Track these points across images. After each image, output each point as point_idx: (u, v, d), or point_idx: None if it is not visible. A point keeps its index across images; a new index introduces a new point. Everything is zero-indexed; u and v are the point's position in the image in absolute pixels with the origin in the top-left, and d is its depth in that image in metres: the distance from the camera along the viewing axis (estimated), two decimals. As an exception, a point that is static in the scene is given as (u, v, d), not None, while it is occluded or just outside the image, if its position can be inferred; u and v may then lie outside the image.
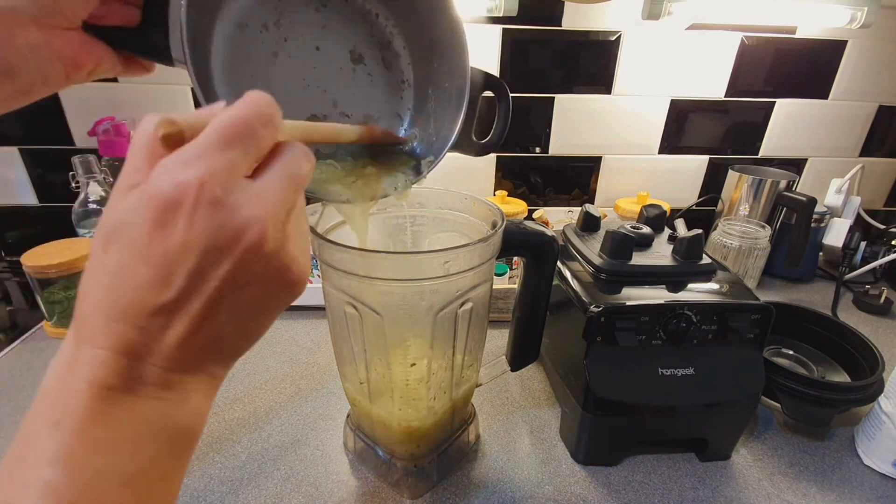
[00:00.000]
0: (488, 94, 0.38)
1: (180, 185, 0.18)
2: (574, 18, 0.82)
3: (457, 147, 0.37)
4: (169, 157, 0.18)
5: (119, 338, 0.19)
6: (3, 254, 0.90)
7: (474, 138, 0.38)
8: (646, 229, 0.55)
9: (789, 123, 0.95)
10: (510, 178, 0.96)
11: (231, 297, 0.20)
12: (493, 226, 0.41)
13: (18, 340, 0.66)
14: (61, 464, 0.17)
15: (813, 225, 0.85)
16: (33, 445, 0.18)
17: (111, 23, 0.28)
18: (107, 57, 0.29)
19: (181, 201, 0.18)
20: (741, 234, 0.79)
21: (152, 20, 0.27)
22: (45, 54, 0.26)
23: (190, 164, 0.18)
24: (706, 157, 0.97)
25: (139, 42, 0.28)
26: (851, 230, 0.87)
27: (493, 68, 0.84)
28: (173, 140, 0.19)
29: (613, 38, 0.85)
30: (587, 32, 0.84)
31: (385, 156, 0.37)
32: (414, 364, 0.43)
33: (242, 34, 0.31)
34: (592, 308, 0.45)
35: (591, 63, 0.86)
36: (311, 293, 0.74)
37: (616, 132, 0.93)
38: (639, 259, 0.50)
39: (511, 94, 0.38)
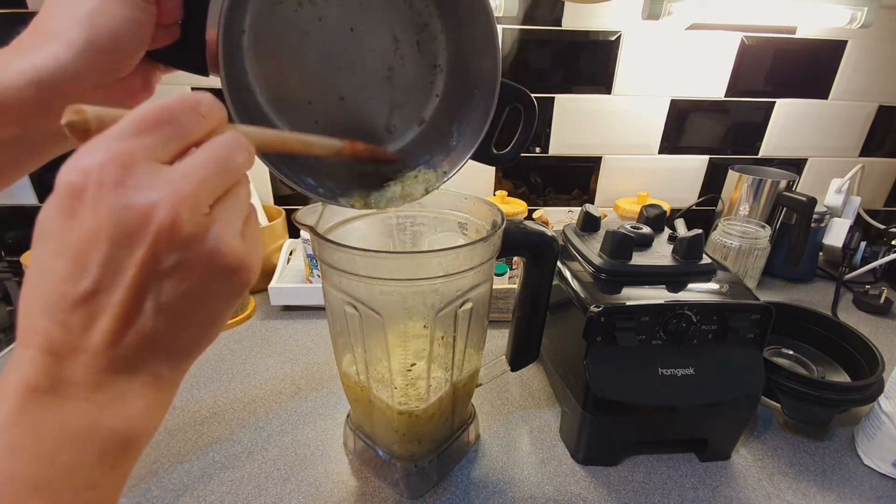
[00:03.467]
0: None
1: (82, 170, 0.17)
2: (574, 18, 0.82)
3: (473, 157, 0.37)
4: (81, 146, 0.18)
5: (43, 335, 0.18)
6: (3, 254, 0.90)
7: (494, 150, 0.37)
8: (646, 229, 0.55)
9: (789, 123, 0.95)
10: (510, 178, 0.96)
11: (155, 288, 0.19)
12: (494, 226, 0.41)
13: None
14: None
15: (813, 225, 0.85)
16: None
17: (156, 47, 0.28)
18: (156, 77, 0.30)
19: (84, 187, 0.17)
20: (741, 234, 0.79)
21: (192, 37, 0.28)
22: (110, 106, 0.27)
23: (96, 150, 0.18)
24: (706, 157, 0.97)
25: (180, 58, 0.29)
26: (851, 230, 0.87)
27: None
28: (78, 128, 0.18)
29: (613, 38, 0.85)
30: (587, 32, 0.84)
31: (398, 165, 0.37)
32: (414, 364, 0.43)
33: (275, 11, 0.30)
34: (592, 308, 0.45)
35: (591, 63, 0.86)
36: (311, 293, 0.74)
37: (616, 132, 0.92)
38: (639, 259, 0.50)
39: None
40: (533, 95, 0.36)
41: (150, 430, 0.21)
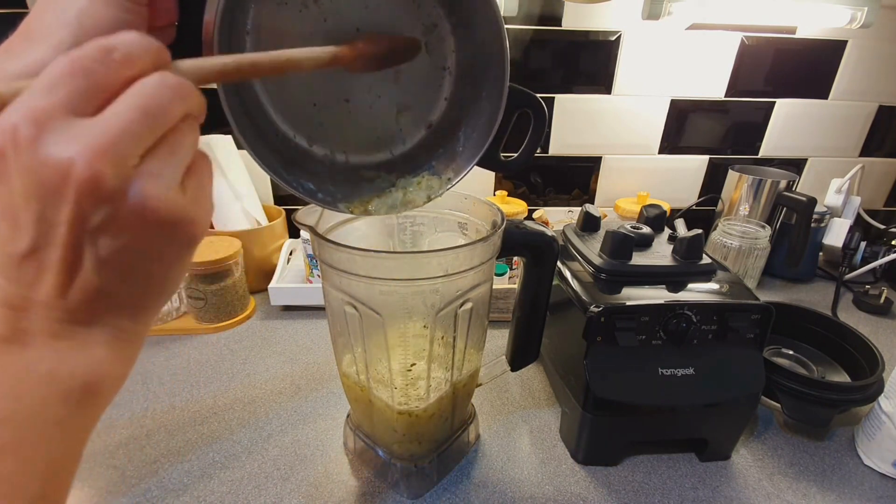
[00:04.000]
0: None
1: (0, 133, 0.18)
2: (574, 18, 0.82)
3: (479, 163, 0.36)
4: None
5: (0, 290, 0.19)
6: None
7: (501, 156, 0.37)
8: (646, 229, 0.55)
9: (789, 123, 0.95)
10: (510, 178, 0.96)
11: (91, 242, 0.19)
12: (494, 226, 0.41)
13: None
14: None
15: (813, 225, 0.85)
16: None
17: None
18: None
19: (3, 149, 0.18)
20: (741, 234, 0.79)
21: (188, 39, 0.27)
22: None
23: (11, 112, 0.18)
24: (706, 157, 0.97)
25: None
26: (851, 230, 0.87)
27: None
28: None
29: (613, 38, 0.85)
30: (587, 32, 0.84)
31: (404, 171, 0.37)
32: (414, 364, 0.43)
33: (279, 12, 0.30)
34: (592, 308, 0.45)
35: (591, 63, 0.86)
36: (312, 293, 0.74)
37: (616, 132, 0.92)
38: (639, 259, 0.50)
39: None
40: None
41: (115, 378, 0.22)
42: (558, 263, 0.52)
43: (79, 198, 0.18)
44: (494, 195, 0.86)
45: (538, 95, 0.36)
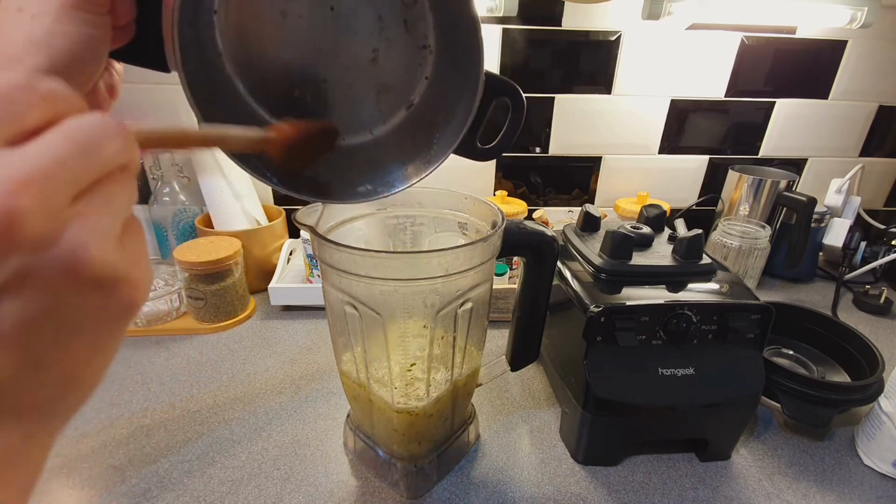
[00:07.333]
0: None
1: None
2: (574, 18, 0.82)
3: (457, 151, 0.36)
4: None
5: None
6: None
7: (479, 144, 0.36)
8: (646, 229, 0.55)
9: (789, 123, 0.95)
10: (510, 178, 0.96)
11: None
12: (494, 226, 0.41)
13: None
14: None
15: (813, 225, 0.85)
16: None
17: (113, 48, 0.27)
18: (118, 77, 0.29)
19: None
20: (741, 234, 0.79)
21: (149, 31, 0.27)
22: None
23: None
24: (706, 157, 0.97)
25: (138, 56, 0.28)
26: (851, 230, 0.87)
27: (493, 68, 0.84)
28: None
29: (613, 38, 0.85)
30: (587, 32, 0.84)
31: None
32: (414, 364, 0.43)
33: None
34: (592, 308, 0.45)
35: (591, 63, 0.86)
36: (312, 293, 0.74)
37: (616, 132, 0.92)
38: (639, 259, 0.50)
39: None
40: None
41: None
42: (558, 263, 0.52)
43: None
44: (494, 195, 0.86)
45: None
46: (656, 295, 0.47)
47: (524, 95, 0.35)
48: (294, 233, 0.88)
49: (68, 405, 0.17)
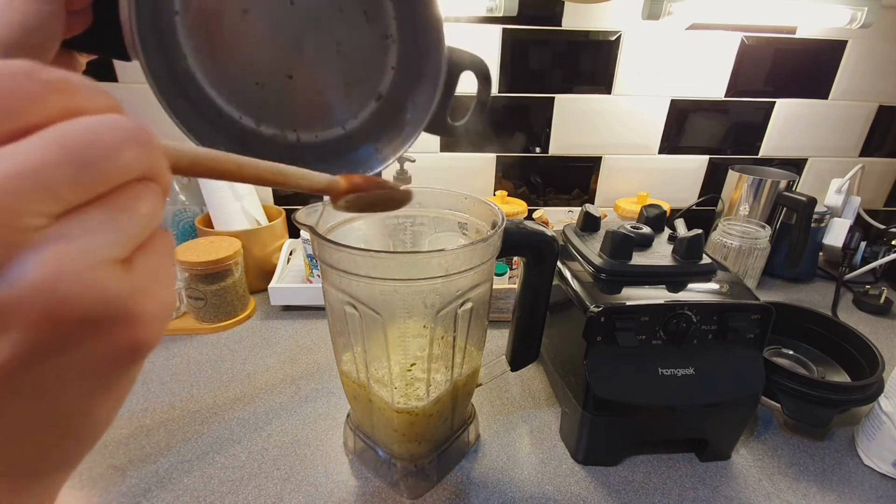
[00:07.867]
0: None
1: None
2: (574, 18, 0.82)
3: (428, 129, 0.36)
4: None
5: None
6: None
7: (449, 120, 0.36)
8: (646, 229, 0.55)
9: (789, 123, 0.95)
10: (510, 178, 0.95)
11: None
12: (494, 226, 0.41)
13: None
14: None
15: (813, 225, 0.85)
16: None
17: (69, 36, 0.26)
18: (80, 66, 0.28)
19: None
20: (741, 234, 0.79)
21: (106, 17, 0.26)
22: None
23: None
24: (706, 157, 0.97)
25: (96, 43, 0.27)
26: (851, 230, 0.87)
27: (493, 68, 0.84)
28: None
29: (613, 38, 0.85)
30: (587, 32, 0.84)
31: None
32: (414, 364, 0.43)
33: None
34: (592, 308, 0.45)
35: (591, 63, 0.86)
36: (312, 293, 0.74)
37: (616, 132, 0.92)
38: (639, 259, 0.50)
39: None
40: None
41: None
42: (558, 263, 0.52)
43: None
44: (494, 195, 0.86)
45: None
46: (656, 295, 0.47)
47: (489, 66, 0.36)
48: (294, 233, 0.88)
49: (66, 460, 0.14)
